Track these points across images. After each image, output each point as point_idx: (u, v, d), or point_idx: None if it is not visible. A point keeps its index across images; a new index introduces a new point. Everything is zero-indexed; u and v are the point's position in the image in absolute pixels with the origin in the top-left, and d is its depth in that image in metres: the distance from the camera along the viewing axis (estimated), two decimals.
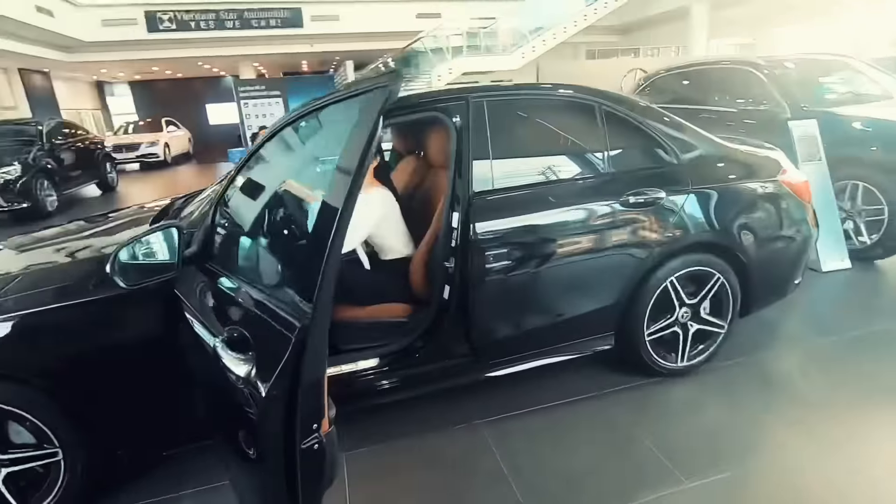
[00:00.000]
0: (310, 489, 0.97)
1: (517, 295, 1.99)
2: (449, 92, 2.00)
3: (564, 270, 2.00)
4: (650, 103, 2.38)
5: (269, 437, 0.86)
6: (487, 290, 1.93)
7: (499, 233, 1.91)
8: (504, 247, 1.92)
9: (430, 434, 2.03)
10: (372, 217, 2.05)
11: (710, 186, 2.16)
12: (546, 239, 1.96)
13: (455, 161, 1.90)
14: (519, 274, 1.95)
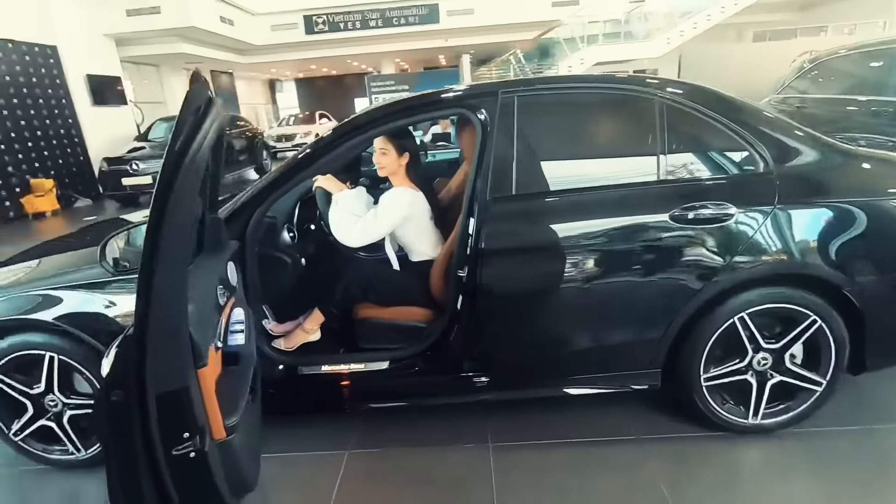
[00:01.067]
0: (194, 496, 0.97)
1: (532, 314, 1.78)
2: (480, 86, 1.84)
3: (592, 292, 1.73)
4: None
5: (106, 439, 0.88)
6: (498, 305, 1.76)
7: (513, 243, 1.72)
8: (519, 259, 1.72)
9: (435, 447, 1.94)
10: (395, 216, 2.00)
11: (813, 203, 1.68)
12: (569, 254, 1.70)
13: (477, 161, 1.75)
14: (535, 291, 1.74)
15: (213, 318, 1.21)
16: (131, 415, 0.83)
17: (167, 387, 0.86)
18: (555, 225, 1.71)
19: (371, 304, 2.11)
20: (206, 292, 1.15)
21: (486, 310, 1.77)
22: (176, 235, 0.83)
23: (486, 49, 15.06)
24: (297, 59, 16.40)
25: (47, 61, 8.85)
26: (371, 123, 1.86)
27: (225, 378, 1.22)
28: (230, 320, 1.42)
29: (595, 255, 1.70)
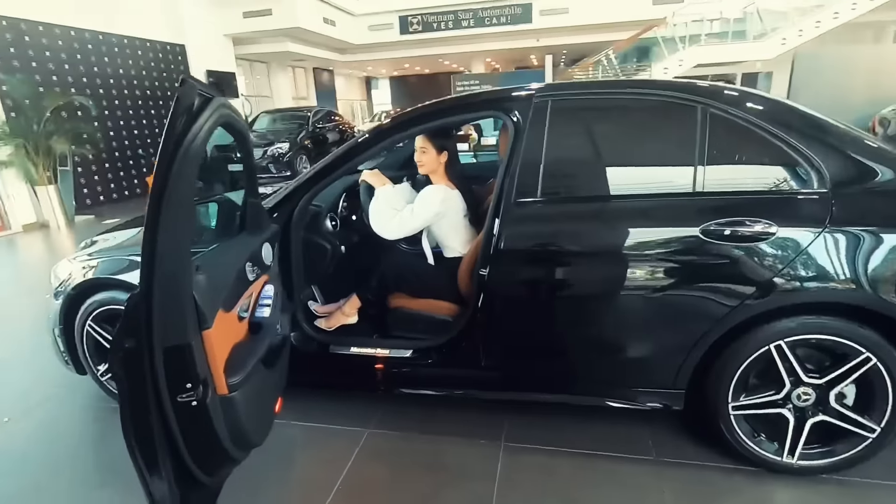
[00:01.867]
0: (197, 440, 1.12)
1: (547, 318, 1.78)
2: (515, 89, 1.86)
3: (612, 302, 1.69)
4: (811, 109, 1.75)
5: (120, 380, 1.03)
6: (514, 306, 1.78)
7: (534, 245, 1.73)
8: (538, 262, 1.73)
9: (449, 437, 2.00)
10: (428, 211, 2.08)
11: (876, 228, 1.50)
12: (590, 261, 1.68)
13: (506, 163, 1.78)
14: (552, 295, 1.74)
15: (237, 289, 1.37)
16: (142, 361, 0.99)
17: (172, 341, 1.01)
18: (578, 231, 1.69)
19: (403, 294, 2.22)
20: (231, 266, 1.31)
21: (502, 309, 1.80)
22: (174, 211, 0.97)
23: (580, 49, 14.66)
24: (392, 58, 17.09)
25: (176, 58, 10.07)
26: (411, 122, 1.95)
27: (243, 343, 1.38)
28: (261, 295, 1.59)
29: (617, 264, 1.66)
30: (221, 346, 1.18)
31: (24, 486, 1.86)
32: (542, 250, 1.73)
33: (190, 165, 0.98)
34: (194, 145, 0.98)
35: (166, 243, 0.96)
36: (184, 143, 0.96)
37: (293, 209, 1.97)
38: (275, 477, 1.84)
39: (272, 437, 2.02)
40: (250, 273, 1.47)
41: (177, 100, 0.96)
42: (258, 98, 14.38)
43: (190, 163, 0.98)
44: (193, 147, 0.98)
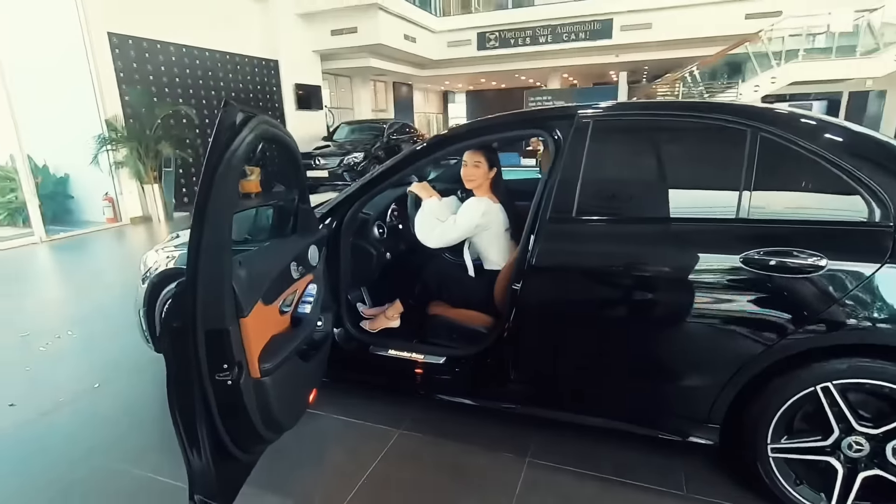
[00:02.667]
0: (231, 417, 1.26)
1: (575, 337, 1.77)
2: (559, 108, 1.89)
3: (643, 326, 1.66)
4: None
5: (167, 355, 1.18)
6: (542, 323, 1.80)
7: (565, 263, 1.73)
8: (569, 281, 1.73)
9: (475, 447, 2.03)
10: (468, 223, 2.15)
11: None
12: (622, 283, 1.66)
13: (545, 181, 1.82)
14: (581, 315, 1.73)
15: (280, 285, 1.51)
16: (187, 341, 1.15)
17: (212, 325, 1.16)
18: (611, 252, 1.68)
19: (443, 303, 2.30)
20: (275, 264, 1.46)
21: (532, 325, 1.82)
22: (217, 213, 1.12)
23: (662, 65, 14.12)
24: (469, 73, 17.42)
25: (270, 72, 10.98)
26: (458, 138, 2.04)
27: (282, 335, 1.52)
28: (304, 292, 1.74)
29: (650, 288, 1.63)
30: (258, 334, 1.32)
31: (109, 439, 2.15)
32: (573, 269, 1.73)
33: (231, 174, 1.13)
34: (235, 157, 1.13)
35: (209, 240, 1.11)
36: (225, 155, 1.11)
37: (344, 216, 2.13)
38: (308, 462, 1.97)
39: (310, 425, 2.18)
40: (295, 272, 1.62)
41: (220, 119, 1.12)
42: (341, 110, 15.24)
43: (231, 172, 1.13)
44: (234, 159, 1.13)
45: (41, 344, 3.17)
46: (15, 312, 3.85)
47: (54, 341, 3.21)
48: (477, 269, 2.35)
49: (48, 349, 3.10)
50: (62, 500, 1.80)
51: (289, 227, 1.79)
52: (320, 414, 2.28)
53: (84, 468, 1.96)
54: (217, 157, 1.10)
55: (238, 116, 1.15)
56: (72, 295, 4.60)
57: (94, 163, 7.05)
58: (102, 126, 7.22)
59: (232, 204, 1.18)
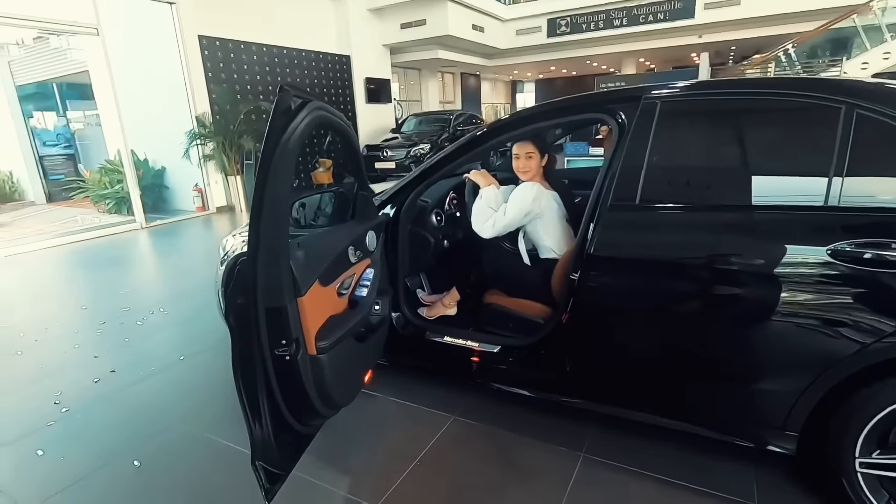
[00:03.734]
0: (289, 391, 1.33)
1: (635, 331, 1.68)
2: (624, 90, 1.79)
3: (710, 321, 1.54)
4: None
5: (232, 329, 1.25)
6: (600, 315, 1.73)
7: (626, 253, 1.65)
8: (631, 272, 1.65)
9: (528, 439, 2.01)
10: (518, 210, 2.11)
11: None
12: (690, 276, 1.55)
13: (607, 167, 1.74)
14: (641, 307, 1.64)
15: (337, 268, 1.57)
16: (249, 316, 1.22)
17: (272, 303, 1.23)
18: (678, 243, 1.58)
19: (499, 292, 2.28)
20: (333, 247, 1.51)
21: (590, 316, 1.76)
22: (274, 196, 1.17)
23: (751, 44, 12.96)
24: (538, 61, 17.00)
25: (342, 67, 11.37)
26: (515, 124, 2.00)
27: (340, 316, 1.58)
28: (362, 276, 1.79)
29: (720, 281, 1.51)
30: (315, 313, 1.38)
31: (192, 407, 2.36)
32: (635, 260, 1.65)
33: (287, 158, 1.18)
34: (291, 140, 1.18)
35: (268, 223, 1.17)
36: (281, 140, 1.16)
37: (403, 203, 2.16)
38: (364, 440, 2.05)
39: (368, 405, 2.26)
40: (352, 256, 1.67)
41: (276, 104, 1.17)
42: (409, 102, 15.50)
43: (287, 156, 1.18)
44: (291, 142, 1.18)
45: (138, 318, 3.53)
46: (119, 290, 4.31)
47: (149, 317, 3.56)
48: (533, 258, 2.30)
49: (144, 323, 3.45)
50: (157, 456, 2.00)
51: (348, 214, 1.85)
52: (378, 395, 2.35)
53: (173, 432, 2.16)
54: (273, 142, 1.16)
55: (293, 101, 1.20)
56: (165, 276, 5.08)
57: (186, 156, 7.69)
58: (193, 122, 7.85)
59: (288, 187, 1.23)
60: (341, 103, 11.42)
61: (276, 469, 1.36)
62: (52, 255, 5.90)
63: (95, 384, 2.62)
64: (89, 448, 2.08)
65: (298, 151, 1.21)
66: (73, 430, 2.24)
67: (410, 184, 2.16)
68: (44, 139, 12.30)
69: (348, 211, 1.86)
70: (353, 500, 1.72)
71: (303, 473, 1.81)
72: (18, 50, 11.79)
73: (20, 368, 2.87)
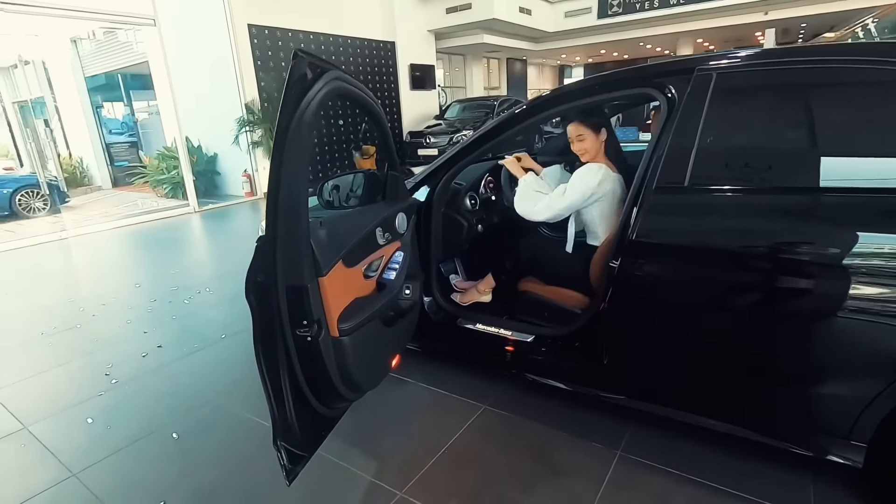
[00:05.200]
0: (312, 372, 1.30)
1: (680, 325, 1.55)
2: (674, 62, 1.63)
3: (764, 315, 1.39)
4: None
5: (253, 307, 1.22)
6: (640, 306, 1.60)
7: (672, 240, 1.52)
8: (673, 260, 1.52)
9: (564, 433, 1.92)
10: (580, 192, 1.93)
11: None
12: (743, 266, 1.41)
13: (653, 146, 1.60)
14: (688, 300, 1.51)
15: (364, 249, 1.53)
16: (269, 294, 1.20)
17: (292, 282, 1.20)
18: (731, 228, 1.43)
19: (535, 279, 2.18)
20: (359, 228, 1.47)
21: (630, 307, 1.64)
22: (292, 172, 1.12)
23: (823, 20, 11.91)
24: (588, 44, 16.37)
25: (387, 54, 11.37)
26: (552, 102, 1.89)
27: (366, 299, 1.55)
28: (391, 259, 1.75)
29: (779, 271, 1.36)
30: (339, 294, 1.35)
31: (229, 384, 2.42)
32: (681, 247, 1.51)
33: (304, 131, 1.13)
34: (307, 113, 1.13)
35: (286, 199, 1.14)
36: (296, 112, 1.11)
37: (436, 185, 2.10)
38: (392, 426, 2.02)
39: (398, 390, 2.24)
40: (380, 238, 1.63)
41: (290, 72, 1.11)
42: (453, 89, 15.35)
43: (303, 129, 1.13)
44: (307, 115, 1.13)
45: (186, 297, 3.67)
46: (170, 270, 4.51)
47: (195, 296, 3.70)
48: (577, 244, 2.18)
49: (191, 302, 3.58)
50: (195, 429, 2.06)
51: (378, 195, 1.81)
52: (408, 381, 2.32)
53: (210, 407, 2.23)
54: (289, 115, 1.11)
55: (309, 70, 1.15)
56: (212, 257, 5.28)
57: (235, 143, 7.95)
58: (242, 109, 8.09)
59: (305, 162, 1.19)
60: (385, 90, 11.44)
61: (298, 450, 1.35)
62: (115, 235, 6.27)
63: (143, 358, 2.74)
64: (133, 419, 2.17)
65: (315, 124, 1.17)
66: (120, 400, 2.34)
67: (444, 166, 2.09)
68: (110, 128, 13.10)
69: (378, 193, 1.82)
70: (378, 484, 1.70)
71: (329, 454, 1.82)
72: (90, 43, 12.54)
73: (79, 340, 3.05)
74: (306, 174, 1.19)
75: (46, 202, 8.84)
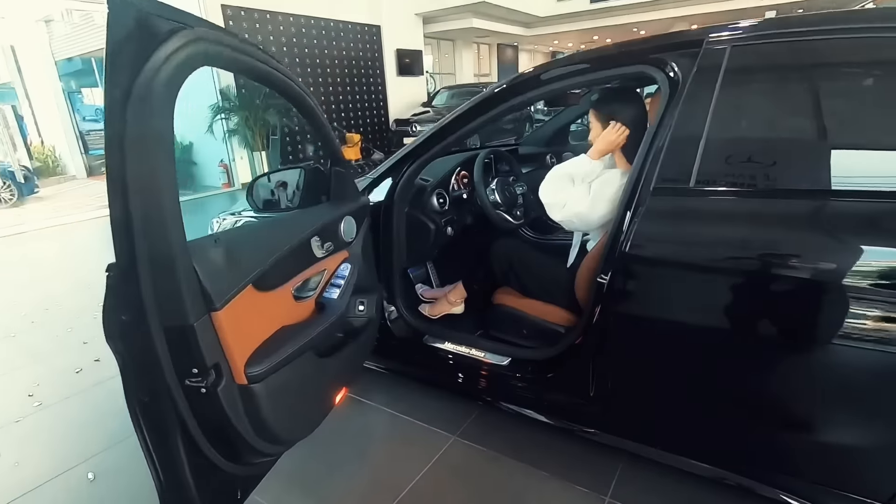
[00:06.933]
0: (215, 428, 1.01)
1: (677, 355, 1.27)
2: (677, 34, 1.33)
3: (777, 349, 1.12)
4: None
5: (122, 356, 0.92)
6: (633, 330, 1.32)
7: (671, 254, 1.24)
8: (675, 278, 1.24)
9: (541, 472, 1.65)
10: (611, 201, 1.52)
11: None
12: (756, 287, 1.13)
13: (651, 137, 1.30)
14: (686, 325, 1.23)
15: (292, 265, 1.23)
16: (143, 338, 0.89)
17: (172, 322, 0.89)
18: (749, 240, 1.14)
19: (511, 290, 1.90)
20: (281, 240, 1.17)
21: (621, 331, 1.36)
22: (146, 172, 0.81)
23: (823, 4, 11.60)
24: (580, 30, 16.00)
25: (372, 38, 10.91)
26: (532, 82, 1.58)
27: (296, 327, 1.25)
28: (335, 273, 1.45)
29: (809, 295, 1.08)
30: (247, 328, 1.06)
31: None
32: (684, 262, 1.23)
33: (156, 114, 0.81)
34: (156, 87, 0.80)
35: (144, 211, 0.83)
36: (135, 85, 0.79)
37: (398, 181, 1.80)
38: (347, 460, 1.74)
39: (357, 416, 1.96)
40: (318, 249, 1.33)
41: (108, 26, 0.77)
42: (442, 75, 14.91)
43: (155, 111, 0.81)
44: (155, 88, 0.80)
45: None
46: None
47: None
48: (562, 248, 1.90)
49: None
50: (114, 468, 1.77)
51: (323, 196, 1.51)
52: (369, 404, 2.04)
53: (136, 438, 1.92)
54: (122, 90, 0.79)
55: (155, 24, 0.80)
56: None
57: (209, 131, 7.54)
58: (217, 96, 7.67)
59: (168, 155, 0.88)
60: (371, 76, 11.01)
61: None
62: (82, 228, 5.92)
63: (76, 375, 2.44)
64: (48, 452, 1.88)
65: (169, 103, 0.84)
66: (39, 429, 2.05)
67: (406, 158, 1.79)
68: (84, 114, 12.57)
69: (322, 192, 1.51)
70: None
71: (262, 499, 1.54)
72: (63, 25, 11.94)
73: (11, 353, 2.74)
74: (171, 173, 0.88)
75: (13, 193, 8.42)
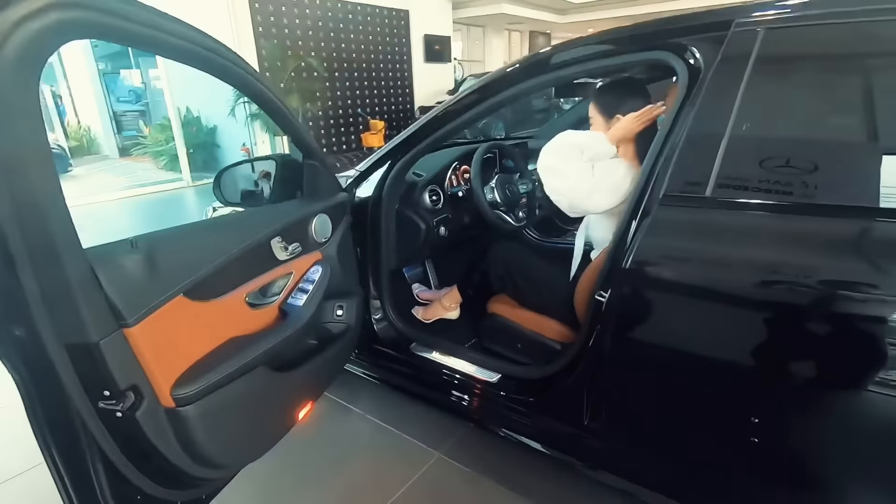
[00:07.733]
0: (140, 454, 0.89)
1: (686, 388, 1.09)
2: (703, 13, 1.12)
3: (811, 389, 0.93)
4: None
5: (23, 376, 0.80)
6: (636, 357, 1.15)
7: (682, 275, 1.05)
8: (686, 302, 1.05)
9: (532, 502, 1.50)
10: (609, 186, 1.36)
11: None
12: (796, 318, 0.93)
13: (664, 136, 1.11)
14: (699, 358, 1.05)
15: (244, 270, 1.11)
16: (42, 355, 0.77)
17: (73, 339, 0.78)
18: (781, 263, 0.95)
19: (507, 298, 1.73)
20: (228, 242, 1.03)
21: (621, 356, 1.18)
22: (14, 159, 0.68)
23: None
24: (619, 17, 15.37)
25: (399, 23, 10.72)
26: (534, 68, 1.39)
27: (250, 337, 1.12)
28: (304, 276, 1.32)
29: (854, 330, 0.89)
30: (181, 344, 0.93)
31: None
32: (698, 285, 1.04)
33: (13, 94, 0.67)
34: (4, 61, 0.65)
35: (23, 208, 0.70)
36: None
37: (386, 176, 1.65)
38: (325, 470, 1.64)
39: (337, 422, 1.86)
40: (280, 251, 1.20)
41: None
42: (471, 63, 14.61)
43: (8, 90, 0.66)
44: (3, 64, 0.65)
45: None
46: None
47: None
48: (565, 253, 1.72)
49: None
50: None
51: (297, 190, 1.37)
52: (353, 410, 1.93)
53: None
54: None
55: None
56: None
57: (231, 114, 7.53)
58: None
59: (42, 150, 0.74)
60: (397, 62, 10.84)
61: None
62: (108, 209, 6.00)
63: None
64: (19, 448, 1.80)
65: (31, 81, 0.69)
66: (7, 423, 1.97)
67: (396, 149, 1.63)
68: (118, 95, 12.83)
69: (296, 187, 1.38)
70: None
71: None
72: None
73: None
74: (48, 160, 0.74)
75: None
